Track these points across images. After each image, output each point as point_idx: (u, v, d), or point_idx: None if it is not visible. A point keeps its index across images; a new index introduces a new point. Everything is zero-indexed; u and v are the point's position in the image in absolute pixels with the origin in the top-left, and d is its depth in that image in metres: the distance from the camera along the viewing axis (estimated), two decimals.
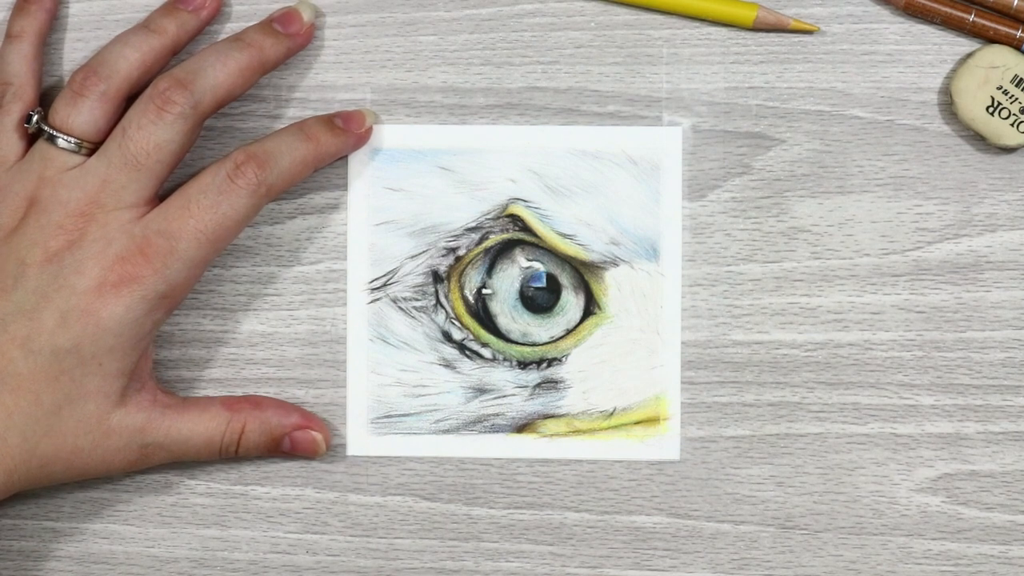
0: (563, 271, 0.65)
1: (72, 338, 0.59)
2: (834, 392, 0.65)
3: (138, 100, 0.61)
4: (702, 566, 0.66)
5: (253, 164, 0.60)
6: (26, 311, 0.59)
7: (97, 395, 0.60)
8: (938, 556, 0.65)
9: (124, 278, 0.59)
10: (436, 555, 0.66)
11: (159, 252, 0.59)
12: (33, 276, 0.59)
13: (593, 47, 0.65)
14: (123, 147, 0.60)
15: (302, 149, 0.62)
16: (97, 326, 0.59)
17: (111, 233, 0.59)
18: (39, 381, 0.59)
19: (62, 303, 0.59)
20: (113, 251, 0.59)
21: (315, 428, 0.64)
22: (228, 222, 0.60)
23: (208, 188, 0.60)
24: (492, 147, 0.66)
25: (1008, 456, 0.65)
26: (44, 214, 0.60)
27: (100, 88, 0.61)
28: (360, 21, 0.66)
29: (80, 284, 0.59)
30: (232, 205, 0.60)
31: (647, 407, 0.65)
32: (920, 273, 0.65)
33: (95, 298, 0.59)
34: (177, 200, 0.60)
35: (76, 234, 0.59)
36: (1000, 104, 0.64)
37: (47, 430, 0.59)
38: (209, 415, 0.63)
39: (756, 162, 0.65)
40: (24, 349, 0.59)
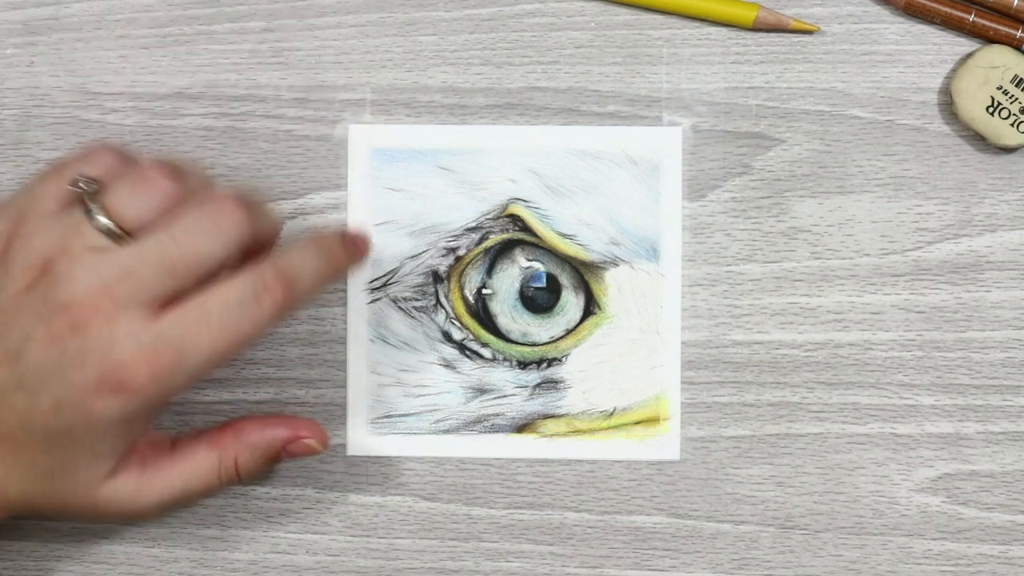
0: (563, 271, 0.65)
1: (65, 424, 0.57)
2: (834, 392, 0.65)
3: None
4: (702, 566, 0.66)
5: (282, 285, 0.58)
6: (26, 387, 0.57)
7: (87, 469, 0.59)
8: (938, 556, 0.65)
9: (123, 385, 0.56)
10: (436, 555, 0.66)
11: (165, 365, 0.56)
12: (36, 353, 0.57)
13: (593, 47, 0.65)
14: (164, 249, 0.57)
15: (323, 269, 0.60)
16: (89, 419, 0.57)
17: (117, 334, 0.56)
18: (34, 451, 0.58)
19: (58, 391, 0.57)
20: (116, 356, 0.56)
21: (305, 435, 0.63)
22: (245, 340, 0.58)
23: (233, 306, 0.57)
24: (492, 147, 0.66)
25: (1008, 456, 0.65)
26: (54, 289, 0.57)
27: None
28: (360, 21, 0.66)
29: (78, 379, 0.56)
30: (253, 325, 0.58)
31: (647, 407, 0.65)
32: (920, 273, 0.65)
33: (91, 396, 0.57)
34: (196, 312, 0.57)
35: (81, 323, 0.56)
36: (1000, 104, 0.64)
37: (42, 491, 0.59)
38: (198, 461, 0.61)
39: (756, 162, 0.65)
40: (21, 421, 0.57)
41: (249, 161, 0.66)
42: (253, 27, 0.66)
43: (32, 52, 0.66)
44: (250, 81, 0.66)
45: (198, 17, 0.66)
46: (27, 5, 0.66)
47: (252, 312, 0.57)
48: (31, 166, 0.66)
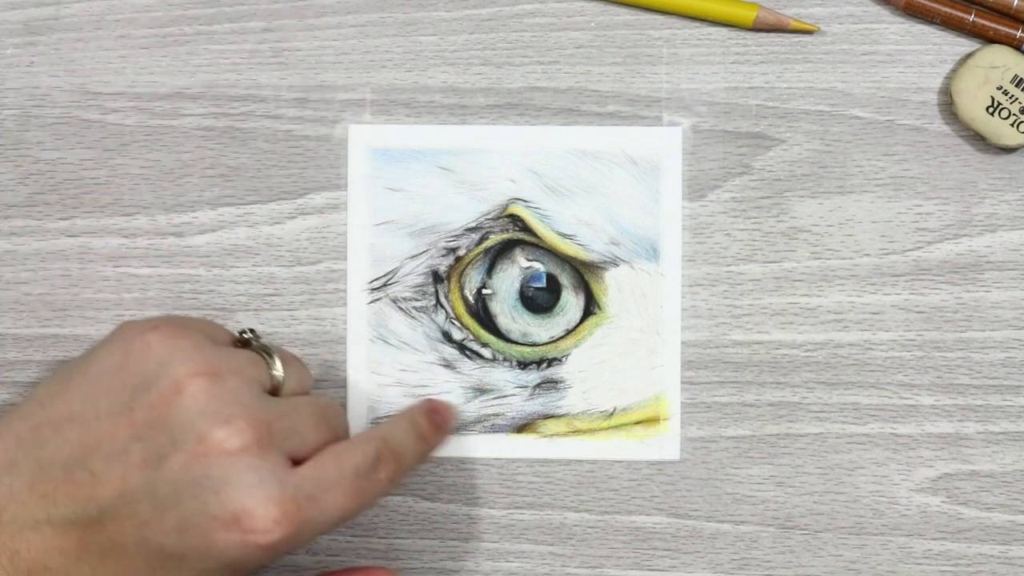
0: (563, 271, 0.65)
1: (181, 549, 0.56)
2: (834, 392, 0.65)
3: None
4: (702, 566, 0.66)
5: (393, 462, 0.59)
6: (156, 498, 0.56)
7: None
8: (938, 556, 0.65)
9: (255, 529, 0.55)
10: (436, 555, 0.66)
11: (301, 518, 0.56)
12: (177, 465, 0.56)
13: (593, 47, 0.65)
14: (318, 404, 0.59)
15: (420, 450, 0.62)
16: (208, 553, 0.55)
17: (265, 471, 0.56)
18: (140, 562, 0.56)
19: (188, 514, 0.55)
20: (260, 494, 0.55)
21: None
22: (364, 506, 0.58)
23: (360, 470, 0.58)
24: (492, 147, 0.66)
25: (1008, 456, 0.65)
26: (217, 397, 0.56)
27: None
28: (360, 21, 0.66)
29: (212, 506, 0.55)
30: (373, 492, 0.58)
31: (647, 407, 0.65)
32: (920, 273, 0.65)
33: (219, 531, 0.55)
34: (334, 471, 0.57)
35: (235, 445, 0.56)
36: (1000, 104, 0.64)
37: None
38: None
39: (756, 162, 0.65)
40: (139, 532, 0.56)
41: (249, 161, 0.66)
42: (253, 27, 0.66)
43: (32, 52, 0.66)
44: (250, 81, 0.66)
45: (198, 17, 0.66)
46: (27, 5, 0.66)
47: (374, 482, 0.58)
48: (31, 166, 0.66)
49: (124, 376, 0.57)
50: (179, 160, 0.66)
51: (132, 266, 0.66)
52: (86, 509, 0.56)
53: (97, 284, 0.66)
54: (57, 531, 0.56)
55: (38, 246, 0.66)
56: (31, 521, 0.56)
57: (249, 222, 0.66)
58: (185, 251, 0.66)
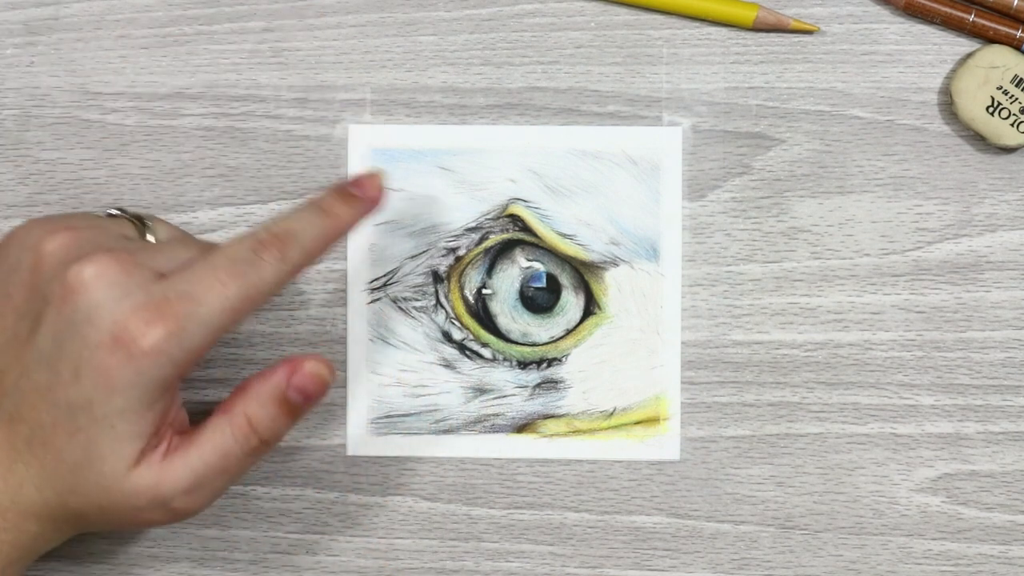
0: (563, 271, 0.65)
1: (84, 395, 0.56)
2: (834, 392, 0.65)
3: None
4: (702, 566, 0.66)
5: (276, 243, 0.58)
6: (45, 359, 0.56)
7: (111, 457, 0.57)
8: (938, 556, 0.65)
9: (134, 338, 0.56)
10: (436, 555, 0.66)
11: (177, 314, 0.56)
12: (51, 320, 0.56)
13: (593, 47, 0.65)
14: (199, 240, 0.59)
15: (321, 225, 0.59)
16: (107, 386, 0.56)
17: (130, 285, 0.56)
18: (60, 436, 0.57)
19: (75, 355, 0.56)
20: (127, 304, 0.56)
21: (305, 363, 0.59)
22: (252, 292, 0.57)
23: (235, 258, 0.57)
24: (492, 147, 0.66)
25: (1008, 456, 0.65)
26: (75, 245, 0.57)
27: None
28: (360, 21, 0.66)
29: (92, 336, 0.56)
30: (259, 275, 0.57)
31: (647, 407, 0.65)
32: (920, 273, 0.65)
33: (106, 356, 0.56)
34: (202, 267, 0.57)
35: (93, 280, 0.56)
36: (1000, 104, 0.64)
37: (72, 487, 0.57)
38: (209, 431, 0.59)
39: (756, 162, 0.65)
40: (46, 400, 0.56)
41: (249, 161, 0.66)
42: (253, 27, 0.66)
43: (32, 52, 0.66)
44: (250, 81, 0.66)
45: (198, 17, 0.66)
46: (27, 5, 0.66)
47: (254, 264, 0.57)
48: (31, 166, 0.66)
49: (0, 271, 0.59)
50: (179, 160, 0.66)
51: None
52: (2, 406, 0.57)
53: None
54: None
55: None
56: None
57: (249, 222, 0.66)
58: None
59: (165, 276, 0.57)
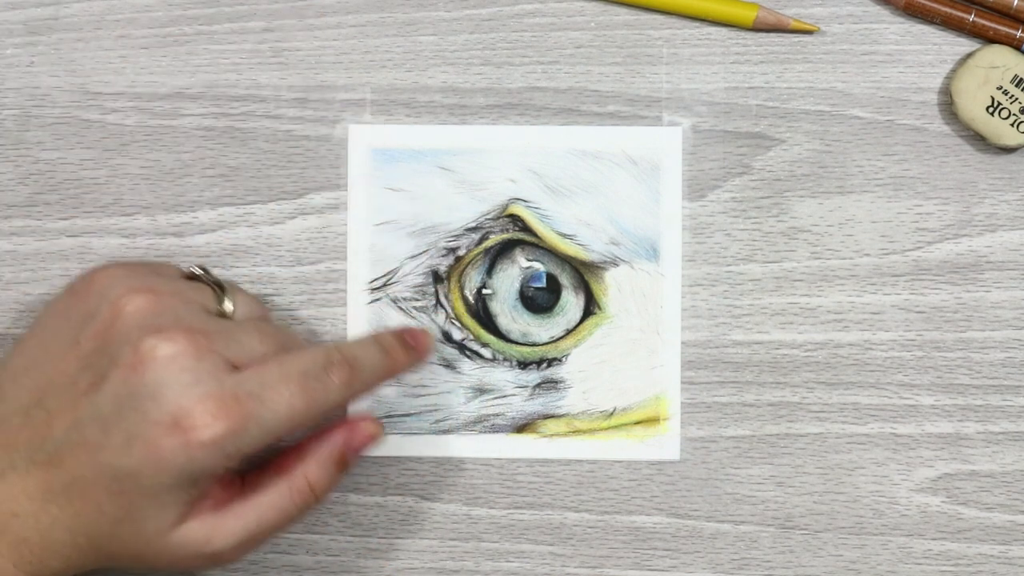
0: (563, 271, 0.65)
1: (132, 465, 0.56)
2: (834, 392, 0.65)
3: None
4: (702, 566, 0.66)
5: (346, 367, 0.58)
6: (101, 418, 0.56)
7: (155, 518, 0.57)
8: (938, 556, 0.65)
9: (195, 426, 0.55)
10: (436, 555, 0.66)
11: (243, 413, 0.56)
12: (116, 383, 0.56)
13: (593, 47, 0.65)
14: (261, 324, 0.59)
15: (383, 364, 0.60)
16: (157, 464, 0.55)
17: (201, 371, 0.56)
18: (101, 493, 0.56)
19: (132, 426, 0.55)
20: (197, 391, 0.55)
21: (359, 423, 0.61)
22: (316, 408, 0.57)
23: (308, 372, 0.57)
24: (492, 147, 0.66)
25: (1008, 456, 0.65)
26: (154, 313, 0.57)
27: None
28: (360, 21, 0.66)
29: (152, 413, 0.55)
30: (325, 395, 0.57)
31: (647, 407, 0.65)
32: (920, 273, 0.65)
33: (163, 436, 0.55)
34: (276, 371, 0.57)
35: (168, 350, 0.56)
36: (1000, 104, 0.64)
37: (111, 537, 0.57)
38: (269, 492, 0.59)
39: (756, 162, 0.65)
40: (92, 458, 0.56)
41: (249, 161, 0.66)
42: (253, 27, 0.66)
43: (32, 52, 0.66)
44: (250, 81, 0.66)
45: (198, 17, 0.66)
46: (27, 5, 0.66)
47: (324, 382, 0.57)
48: (31, 166, 0.66)
49: (71, 314, 0.58)
50: (179, 160, 0.66)
51: None
52: (44, 448, 0.56)
53: None
54: (21, 476, 0.56)
55: (38, 246, 0.66)
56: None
57: (249, 222, 0.66)
58: (185, 251, 0.66)
59: (237, 367, 0.57)
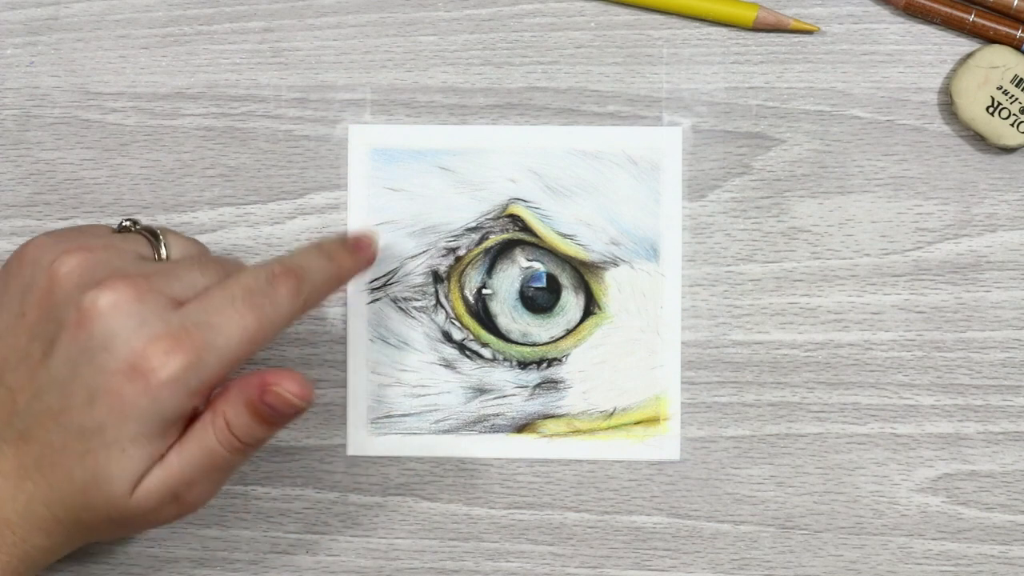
0: (563, 271, 0.65)
1: (97, 420, 0.56)
2: (834, 392, 0.65)
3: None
4: (702, 566, 0.66)
5: (291, 276, 0.57)
6: (58, 383, 0.56)
7: (120, 477, 0.56)
8: (938, 556, 0.65)
9: (152, 367, 0.55)
10: (436, 555, 0.66)
11: (196, 344, 0.55)
12: (65, 343, 0.56)
13: (593, 47, 0.65)
14: (214, 258, 0.59)
15: (328, 268, 0.59)
16: (122, 413, 0.55)
17: (146, 313, 0.56)
18: (70, 457, 0.56)
19: (90, 381, 0.56)
20: (145, 332, 0.55)
21: (279, 382, 0.58)
22: (268, 324, 0.57)
23: (252, 288, 0.57)
24: (492, 147, 0.66)
25: (1008, 456, 0.65)
26: (90, 268, 0.57)
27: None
28: (360, 21, 0.66)
29: (109, 364, 0.55)
30: (275, 308, 0.57)
31: (647, 407, 0.65)
32: (920, 273, 0.65)
33: (123, 384, 0.55)
34: (219, 296, 0.56)
35: (108, 308, 0.56)
36: (1000, 104, 0.64)
37: (83, 505, 0.57)
38: (198, 428, 0.58)
39: (756, 162, 0.65)
40: (58, 423, 0.56)
41: (249, 161, 0.66)
42: (253, 27, 0.66)
43: (32, 52, 0.66)
44: (250, 81, 0.66)
45: (198, 17, 0.66)
46: (27, 5, 0.66)
47: (271, 295, 0.57)
48: (31, 166, 0.66)
49: (9, 290, 0.58)
50: (179, 160, 0.66)
51: None
52: (12, 424, 0.57)
53: None
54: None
55: None
56: None
57: (249, 222, 0.66)
58: None
59: (181, 303, 0.57)
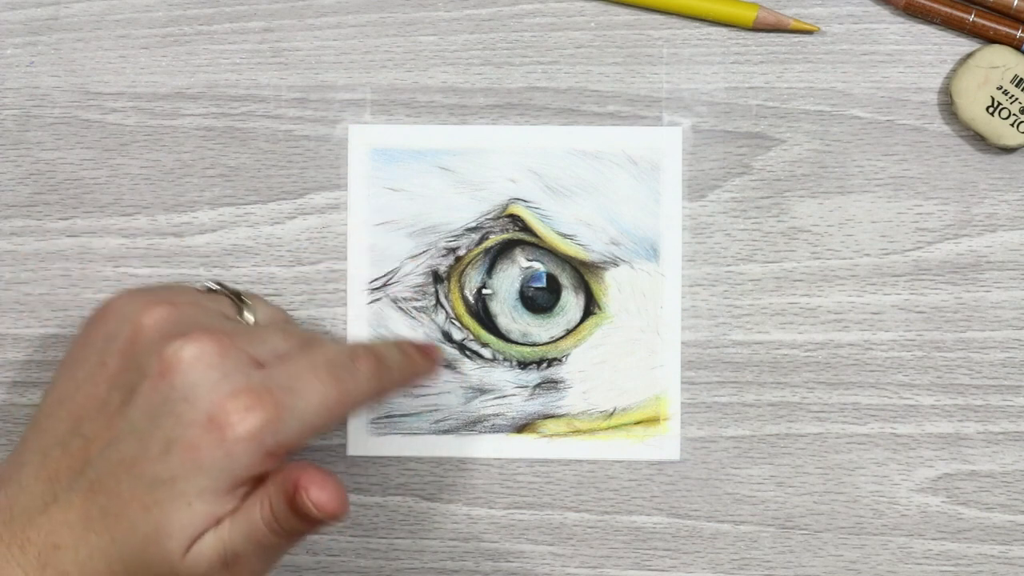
0: (563, 271, 0.65)
1: (170, 471, 0.55)
2: (834, 392, 0.65)
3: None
4: (702, 566, 0.66)
5: (372, 358, 0.58)
6: (136, 431, 0.55)
7: (180, 533, 0.55)
8: (938, 556, 0.65)
9: (230, 422, 0.54)
10: (436, 555, 0.66)
11: (277, 404, 0.55)
12: (147, 394, 0.55)
13: (593, 47, 0.65)
14: (297, 328, 0.59)
15: (404, 362, 0.60)
16: (195, 464, 0.54)
17: (229, 368, 0.55)
18: (136, 509, 0.55)
19: (168, 432, 0.55)
20: (227, 387, 0.55)
21: (311, 486, 0.56)
22: (348, 396, 0.56)
23: (335, 361, 0.57)
24: (492, 147, 0.66)
25: (1008, 456, 0.65)
26: (176, 321, 0.57)
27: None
28: (360, 21, 0.66)
29: (188, 415, 0.55)
30: (355, 383, 0.57)
31: (647, 407, 0.65)
32: (920, 273, 0.65)
33: (199, 436, 0.54)
34: (304, 363, 0.56)
35: (193, 351, 0.55)
36: (1000, 104, 0.64)
37: (140, 561, 0.55)
38: (250, 502, 0.56)
39: (756, 162, 0.65)
40: (130, 473, 0.55)
41: (249, 161, 0.66)
42: (253, 27, 0.66)
43: (32, 52, 0.66)
44: (250, 81, 0.66)
45: (198, 17, 0.66)
46: (27, 5, 0.66)
47: (353, 372, 0.57)
48: (31, 166, 0.66)
49: (93, 341, 0.58)
50: (179, 160, 0.66)
51: (132, 266, 0.66)
52: (85, 474, 0.56)
53: (97, 284, 0.66)
54: (62, 507, 0.55)
55: (38, 246, 0.66)
56: (39, 506, 0.56)
57: (249, 222, 0.66)
58: (185, 251, 0.66)
59: (263, 365, 0.56)
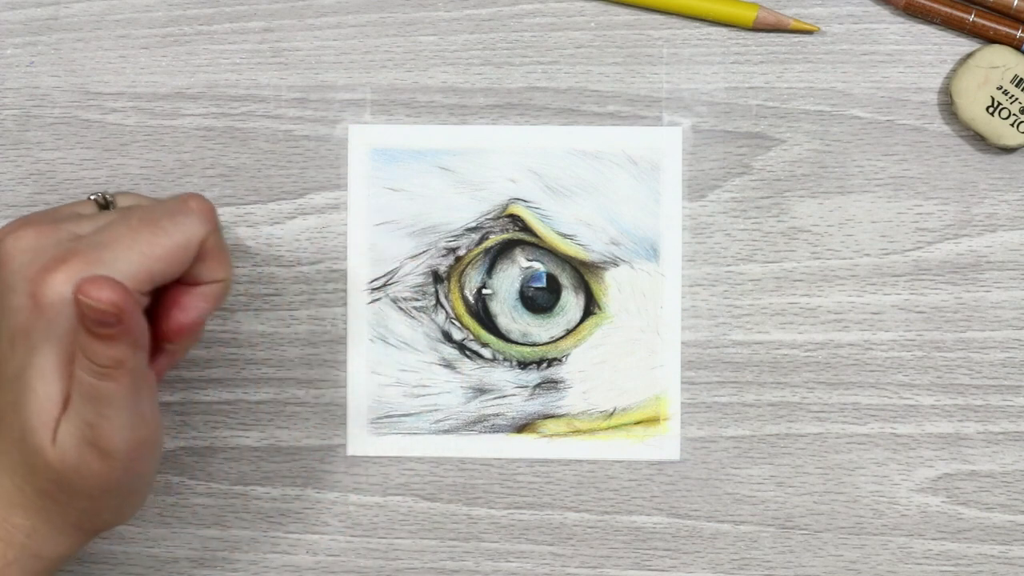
0: (563, 271, 0.65)
1: (18, 362, 0.55)
2: (834, 392, 0.65)
3: None
4: (702, 566, 0.66)
5: (204, 200, 0.57)
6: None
7: (40, 424, 0.55)
8: (938, 556, 0.65)
9: (44, 290, 0.54)
10: (436, 555, 0.66)
11: (84, 260, 0.55)
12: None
13: (593, 47, 0.65)
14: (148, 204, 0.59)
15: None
16: (30, 347, 0.55)
17: (44, 246, 0.56)
18: (10, 415, 0.56)
19: (7, 326, 0.56)
20: (40, 262, 0.55)
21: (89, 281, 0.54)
22: (171, 241, 0.56)
23: (153, 212, 0.57)
24: (492, 147, 0.66)
25: (1008, 456, 0.65)
26: (10, 227, 0.58)
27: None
28: (360, 21, 0.66)
29: (15, 302, 0.55)
30: (182, 226, 0.56)
31: (647, 407, 0.65)
32: (920, 273, 0.65)
33: (27, 316, 0.55)
34: (118, 221, 0.56)
35: (11, 244, 0.56)
36: (1000, 104, 0.64)
37: (28, 467, 0.56)
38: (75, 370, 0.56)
39: (756, 162, 0.65)
40: (1, 380, 0.56)
41: (249, 161, 0.66)
42: (253, 27, 0.66)
43: (32, 52, 0.66)
44: (250, 81, 0.66)
45: (198, 17, 0.66)
46: (27, 5, 0.66)
47: (176, 216, 0.56)
48: (31, 166, 0.66)
49: None
50: (179, 160, 0.66)
51: None
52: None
53: None
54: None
55: None
56: None
57: (249, 222, 0.66)
58: None
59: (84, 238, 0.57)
